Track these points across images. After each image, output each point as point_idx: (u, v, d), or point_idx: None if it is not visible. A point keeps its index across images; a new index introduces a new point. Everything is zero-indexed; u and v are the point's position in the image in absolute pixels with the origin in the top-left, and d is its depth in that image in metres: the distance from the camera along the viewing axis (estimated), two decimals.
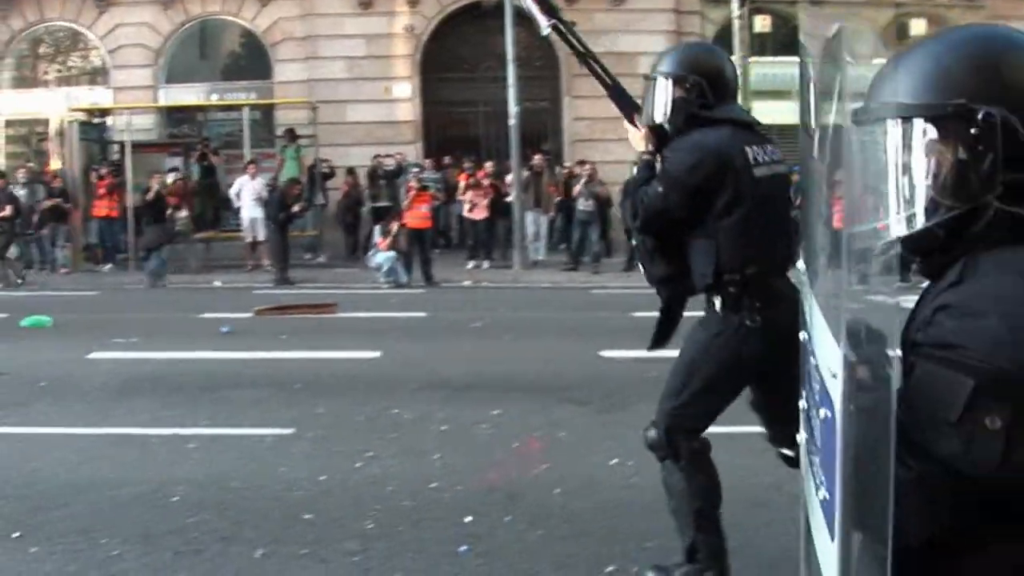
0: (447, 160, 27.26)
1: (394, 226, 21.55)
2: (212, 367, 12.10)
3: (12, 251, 22.97)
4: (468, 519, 6.69)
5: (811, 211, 2.03)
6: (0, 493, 7.37)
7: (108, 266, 24.13)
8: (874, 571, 1.69)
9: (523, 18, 26.10)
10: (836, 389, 1.69)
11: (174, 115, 28.34)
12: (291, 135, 25.83)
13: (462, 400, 9.88)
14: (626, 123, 5.29)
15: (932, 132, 1.94)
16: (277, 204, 22.39)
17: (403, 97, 28.66)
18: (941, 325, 1.82)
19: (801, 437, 2.06)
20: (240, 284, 21.82)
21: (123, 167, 24.60)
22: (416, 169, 23.89)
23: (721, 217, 5.01)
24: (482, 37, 29.23)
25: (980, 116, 1.88)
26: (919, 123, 1.95)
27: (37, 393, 10.68)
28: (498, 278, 21.99)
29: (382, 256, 21.34)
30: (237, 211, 24.10)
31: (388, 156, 26.35)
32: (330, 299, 17.30)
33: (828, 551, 1.78)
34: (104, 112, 27.06)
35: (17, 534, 6.56)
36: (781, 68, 27.27)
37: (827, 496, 1.79)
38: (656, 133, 5.19)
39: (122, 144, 25.41)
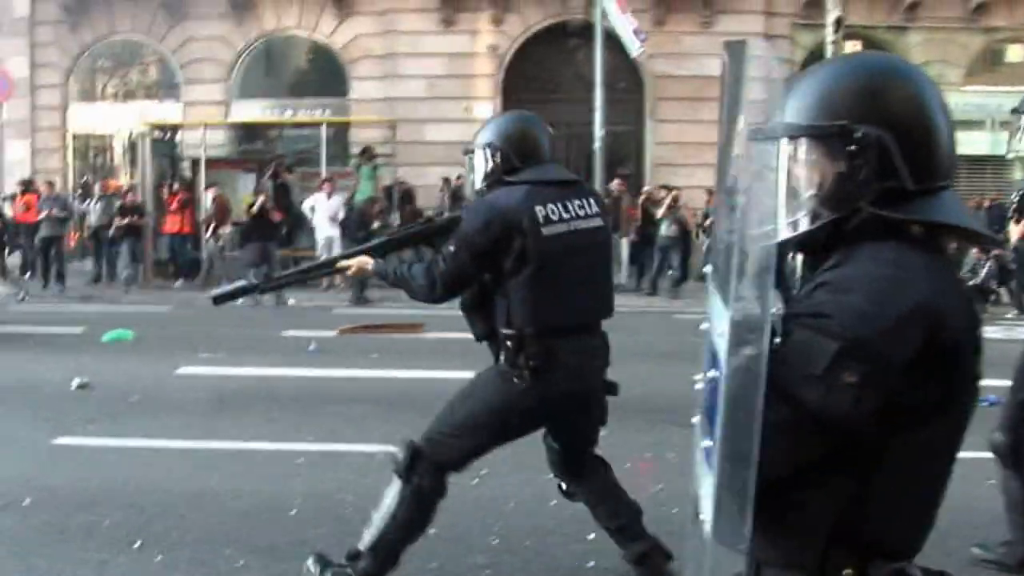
0: None
1: None
2: (307, 384, 12.22)
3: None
4: (591, 536, 6.69)
5: (718, 216, 2.31)
6: (113, 503, 7.43)
7: (179, 281, 24.39)
8: (740, 497, 2.02)
9: (610, 40, 26.44)
10: (722, 346, 2.04)
11: (246, 131, 28.72)
12: (368, 153, 26.03)
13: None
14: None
15: (817, 149, 2.34)
16: (356, 223, 22.55)
17: (483, 117, 28.76)
18: (817, 298, 2.25)
19: (696, 418, 2.34)
20: (316, 302, 21.97)
21: (194, 183, 24.92)
22: None
23: (509, 276, 5.25)
24: (566, 57, 29.46)
25: (858, 135, 2.29)
26: (805, 141, 2.35)
27: (130, 407, 10.82)
28: None
29: None
30: (312, 230, 24.30)
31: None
32: (415, 319, 17.38)
33: (707, 486, 2.11)
34: (175, 127, 27.42)
35: (138, 543, 6.63)
36: None
37: (709, 442, 2.13)
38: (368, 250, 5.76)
39: (194, 160, 25.78)
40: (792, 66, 28.42)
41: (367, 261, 5.66)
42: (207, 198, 24.53)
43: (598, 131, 24.11)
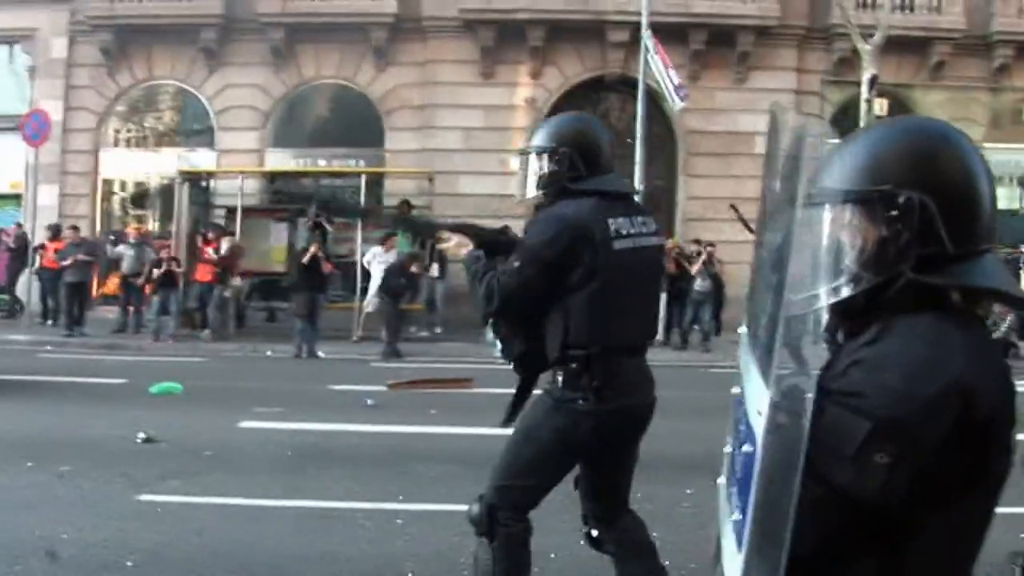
0: None
1: None
2: (378, 440, 12.03)
3: None
4: None
5: (759, 278, 2.43)
6: (222, 566, 7.24)
7: (206, 331, 24.15)
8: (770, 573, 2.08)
9: (645, 94, 26.51)
10: (760, 424, 2.09)
11: (280, 180, 28.72)
12: (406, 205, 25.97)
13: (654, 478, 9.74)
14: (445, 236, 5.47)
15: (861, 213, 2.35)
16: (396, 275, 22.52)
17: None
18: (851, 376, 2.24)
19: (722, 480, 2.49)
20: (346, 355, 21.91)
21: (231, 231, 24.86)
22: None
23: (573, 291, 5.02)
24: (603, 111, 29.49)
25: (901, 200, 2.30)
26: (850, 206, 2.36)
27: (207, 462, 10.63)
28: None
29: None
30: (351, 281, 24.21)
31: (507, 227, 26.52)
32: (462, 374, 17.26)
33: (735, 560, 2.20)
34: (209, 174, 27.40)
35: None
36: None
37: (740, 516, 2.20)
38: (470, 234, 5.37)
39: (230, 208, 25.76)
40: (821, 122, 28.69)
41: (467, 244, 5.37)
42: (222, 246, 24.37)
43: (639, 185, 24.03)
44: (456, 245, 5.38)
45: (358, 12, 28.62)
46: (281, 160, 29.32)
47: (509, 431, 5.38)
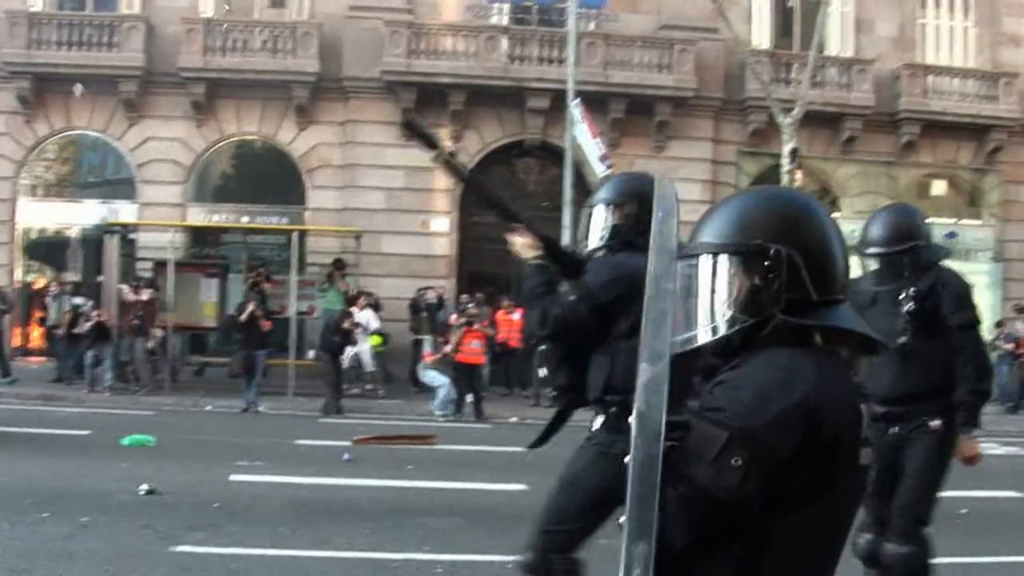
0: (478, 296, 27.90)
1: (449, 344, 22.71)
2: (374, 493, 12.58)
3: None
4: None
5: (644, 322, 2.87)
6: None
7: (139, 387, 24.41)
8: (642, 563, 2.56)
9: (564, 159, 27.54)
10: (632, 436, 2.64)
11: (202, 234, 29.12)
12: (339, 264, 26.64)
13: None
14: (512, 230, 5.73)
15: (735, 264, 2.83)
16: (331, 332, 23.20)
17: (441, 231, 29.70)
18: (715, 394, 2.72)
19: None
20: (285, 411, 22.48)
21: (158, 285, 25.22)
22: (469, 304, 24.95)
23: (621, 338, 5.41)
24: (522, 175, 30.57)
25: (772, 252, 2.79)
26: (725, 257, 2.85)
27: (221, 514, 11.00)
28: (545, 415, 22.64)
29: (431, 375, 22.45)
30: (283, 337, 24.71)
31: (429, 288, 27.33)
32: (424, 431, 18.00)
33: (620, 553, 2.62)
34: (135, 226, 27.67)
35: None
36: None
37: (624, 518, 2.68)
38: (544, 241, 5.71)
39: (158, 262, 26.17)
40: (736, 191, 29.96)
41: (533, 248, 5.67)
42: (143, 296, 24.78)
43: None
44: (522, 245, 5.67)
45: (280, 70, 29.16)
46: (203, 215, 29.62)
47: (512, 486, 5.78)
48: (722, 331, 2.85)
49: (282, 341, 24.68)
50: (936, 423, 6.65)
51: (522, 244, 5.67)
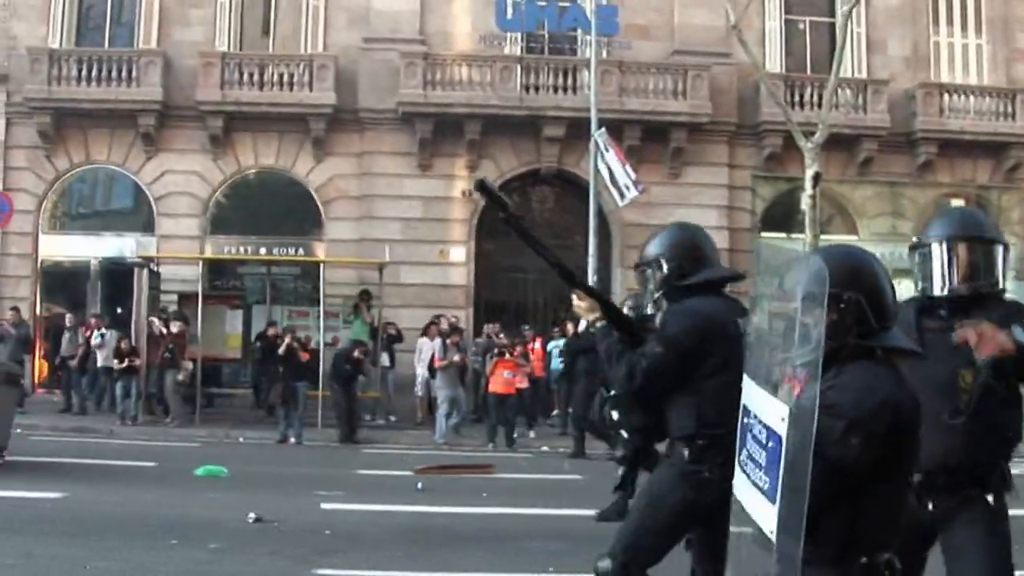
0: (495, 327, 28.95)
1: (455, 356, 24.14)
2: (467, 520, 13.48)
3: None
4: None
5: (759, 350, 4.35)
6: None
7: (170, 419, 25.38)
8: (795, 518, 3.78)
9: (576, 188, 28.76)
10: (783, 426, 3.87)
11: (222, 266, 30.10)
12: (365, 295, 27.71)
13: None
14: (575, 295, 6.37)
15: (823, 306, 3.93)
16: (343, 362, 24.25)
17: (458, 261, 30.81)
18: (828, 396, 3.91)
19: (738, 473, 4.40)
20: (317, 442, 23.51)
21: (187, 318, 26.26)
22: (499, 333, 26.15)
23: (706, 378, 6.00)
24: (538, 204, 31.78)
25: (845, 297, 4.17)
26: (815, 303, 3.95)
27: (335, 540, 11.76)
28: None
29: (437, 383, 24.21)
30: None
31: (443, 317, 28.10)
32: (481, 461, 19.17)
33: (768, 512, 3.91)
34: (158, 259, 28.54)
35: None
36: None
37: (768, 484, 3.94)
38: (604, 304, 6.33)
39: (182, 295, 27.28)
40: (753, 216, 31.32)
41: (595, 311, 6.32)
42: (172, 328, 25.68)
43: (591, 276, 26.14)
44: (587, 308, 6.32)
45: (296, 103, 30.16)
46: (220, 247, 30.52)
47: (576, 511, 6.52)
48: (822, 351, 4.04)
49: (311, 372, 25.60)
50: None
51: (584, 307, 6.36)
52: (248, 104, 30.26)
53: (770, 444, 3.97)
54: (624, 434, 10.13)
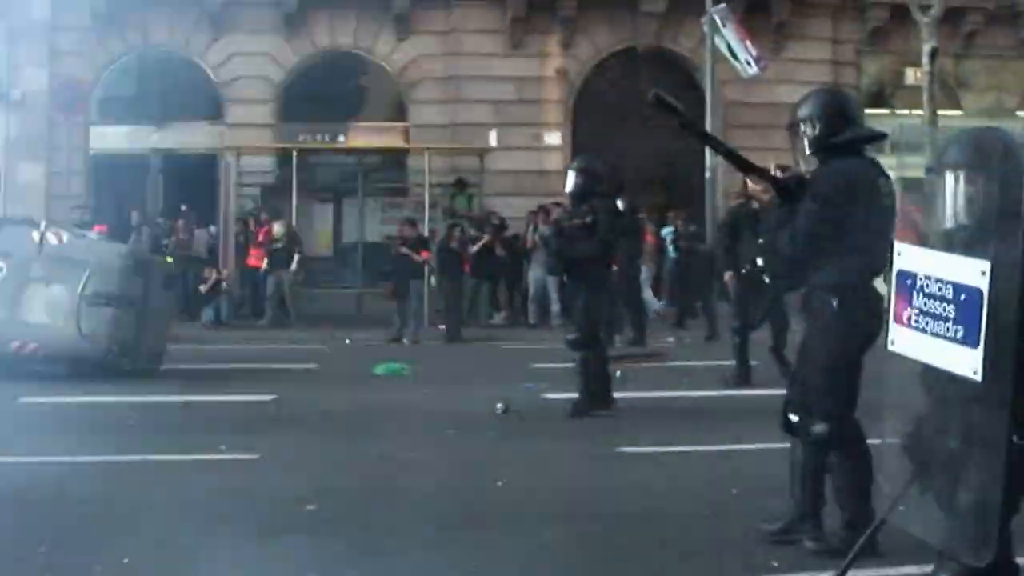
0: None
1: None
2: (701, 403, 14.47)
3: None
4: None
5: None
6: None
7: (262, 320, 25.77)
8: (1004, 357, 4.74)
9: (672, 65, 28.50)
10: (984, 281, 4.79)
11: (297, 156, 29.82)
12: (461, 183, 27.65)
13: None
14: (750, 179, 7.64)
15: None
16: (443, 251, 24.95)
17: (553, 145, 30.76)
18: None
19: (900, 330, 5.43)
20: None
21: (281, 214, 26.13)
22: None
23: (853, 232, 7.10)
24: (636, 84, 31.36)
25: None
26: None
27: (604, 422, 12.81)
28: None
29: None
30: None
31: (556, 204, 27.94)
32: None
33: (968, 357, 4.84)
34: (236, 150, 28.39)
35: None
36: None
37: (962, 332, 4.88)
38: (773, 181, 7.44)
39: (268, 189, 27.09)
40: (858, 92, 31.14)
41: (767, 192, 7.46)
42: (277, 229, 25.71)
43: (708, 160, 26.07)
44: (762, 191, 7.49)
45: None
46: (294, 135, 30.44)
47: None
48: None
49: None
50: None
51: (760, 190, 7.54)
52: None
53: (963, 297, 4.88)
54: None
